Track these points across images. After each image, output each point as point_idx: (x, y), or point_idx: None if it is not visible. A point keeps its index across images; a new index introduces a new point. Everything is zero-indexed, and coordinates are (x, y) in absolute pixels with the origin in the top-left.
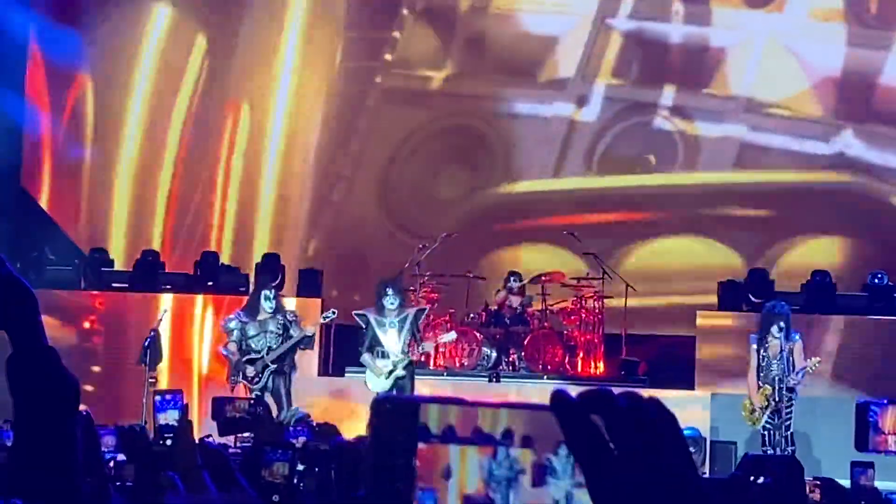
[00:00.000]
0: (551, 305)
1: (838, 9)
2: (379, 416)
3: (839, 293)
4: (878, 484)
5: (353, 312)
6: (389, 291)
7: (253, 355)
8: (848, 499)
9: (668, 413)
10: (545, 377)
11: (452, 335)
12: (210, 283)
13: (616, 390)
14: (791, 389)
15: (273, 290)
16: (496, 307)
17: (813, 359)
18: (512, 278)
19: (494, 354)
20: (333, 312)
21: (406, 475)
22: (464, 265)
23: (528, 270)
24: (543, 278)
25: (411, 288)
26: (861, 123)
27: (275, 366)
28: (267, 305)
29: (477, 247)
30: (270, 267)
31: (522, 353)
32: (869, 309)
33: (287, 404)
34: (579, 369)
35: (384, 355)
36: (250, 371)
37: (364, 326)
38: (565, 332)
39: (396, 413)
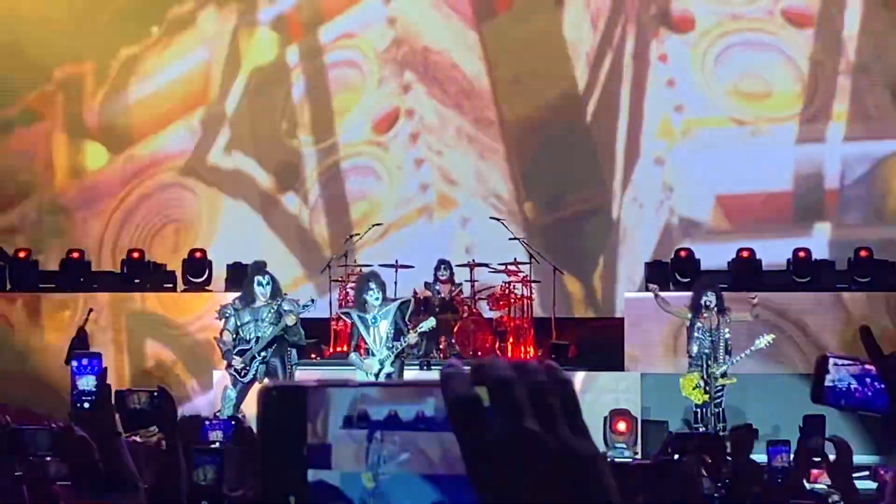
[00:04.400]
0: (480, 291)
1: None
2: (266, 406)
3: (765, 269)
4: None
5: (339, 311)
6: (372, 286)
7: (243, 345)
8: (761, 475)
9: (562, 381)
10: None
11: (432, 321)
12: (137, 281)
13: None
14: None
15: (267, 276)
16: (425, 295)
17: (766, 335)
18: (441, 266)
19: (424, 342)
20: (313, 301)
21: (297, 464)
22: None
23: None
24: (470, 263)
25: (340, 278)
26: None
27: (263, 356)
28: (260, 291)
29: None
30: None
31: (453, 340)
32: (794, 284)
33: None
34: (510, 354)
35: (371, 353)
36: (238, 363)
37: (351, 324)
38: (495, 317)
39: (283, 401)
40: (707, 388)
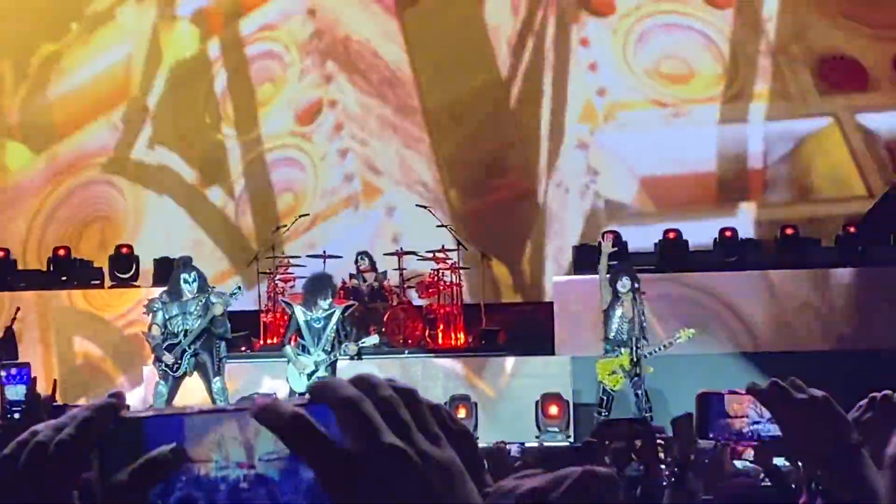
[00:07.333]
0: (409, 280)
1: None
2: (104, 437)
3: (692, 250)
4: None
5: (281, 300)
6: (329, 290)
7: (171, 339)
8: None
9: (408, 392)
10: (406, 352)
11: (375, 338)
12: (64, 279)
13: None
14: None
15: (193, 273)
16: (353, 285)
17: (686, 330)
18: (360, 257)
19: (354, 332)
20: (239, 288)
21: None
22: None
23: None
24: (398, 252)
25: (268, 271)
26: None
27: (193, 349)
28: (186, 289)
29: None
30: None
31: (383, 329)
32: (722, 264)
33: (212, 398)
34: (440, 342)
35: (305, 350)
36: (168, 358)
37: (289, 316)
38: (424, 305)
39: (121, 432)
40: (630, 374)
